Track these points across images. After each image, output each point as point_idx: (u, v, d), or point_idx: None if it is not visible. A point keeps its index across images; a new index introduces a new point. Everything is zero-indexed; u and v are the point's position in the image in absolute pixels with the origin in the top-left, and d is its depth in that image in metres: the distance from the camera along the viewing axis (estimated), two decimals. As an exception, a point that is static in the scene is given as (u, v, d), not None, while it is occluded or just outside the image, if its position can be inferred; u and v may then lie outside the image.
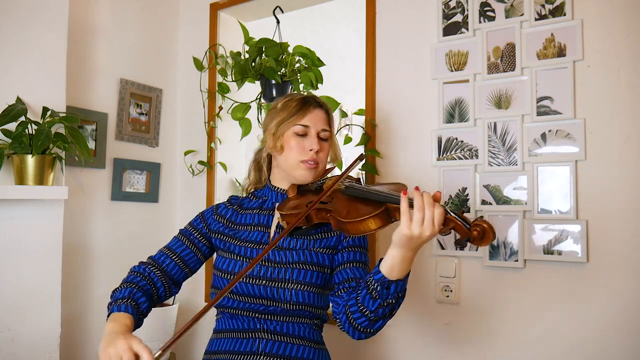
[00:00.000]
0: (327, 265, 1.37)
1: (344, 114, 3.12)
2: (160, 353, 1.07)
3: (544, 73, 1.66)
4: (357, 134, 2.08)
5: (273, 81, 2.15)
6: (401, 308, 1.87)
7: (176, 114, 2.56)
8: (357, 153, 2.09)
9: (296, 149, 1.38)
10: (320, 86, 2.20)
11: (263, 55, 2.21)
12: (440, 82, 1.84)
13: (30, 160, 1.73)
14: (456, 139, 1.80)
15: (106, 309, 1.32)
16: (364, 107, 2.02)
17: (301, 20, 2.93)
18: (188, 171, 2.46)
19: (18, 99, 1.76)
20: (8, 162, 1.76)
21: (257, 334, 1.33)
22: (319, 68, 2.19)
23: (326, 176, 1.46)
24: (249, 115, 2.27)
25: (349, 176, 1.41)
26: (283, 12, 2.35)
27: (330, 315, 1.45)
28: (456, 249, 1.11)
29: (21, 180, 1.74)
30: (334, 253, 1.38)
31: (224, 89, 2.34)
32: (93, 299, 2.19)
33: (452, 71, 1.82)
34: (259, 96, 2.27)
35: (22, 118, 1.71)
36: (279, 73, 2.16)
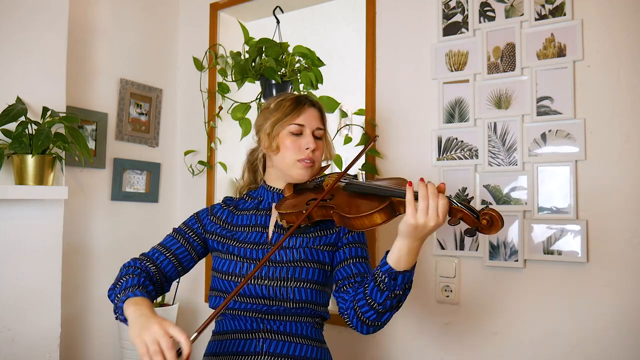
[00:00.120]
0: (328, 262, 1.37)
1: (344, 114, 3.12)
2: (195, 336, 1.09)
3: (544, 73, 1.66)
4: (357, 134, 2.08)
5: (273, 81, 2.16)
6: (401, 308, 1.88)
7: (176, 114, 2.57)
8: (357, 153, 2.12)
9: (292, 148, 1.39)
10: (320, 86, 2.20)
11: (263, 55, 2.21)
12: (440, 82, 1.84)
13: (30, 160, 1.74)
14: (456, 139, 1.80)
15: (112, 302, 1.31)
16: (364, 107, 2.02)
17: (301, 20, 2.93)
18: (188, 171, 2.46)
19: (18, 99, 1.77)
20: (8, 162, 1.76)
21: (259, 334, 1.33)
22: (319, 68, 2.19)
23: (323, 173, 1.46)
24: (249, 115, 2.27)
25: (347, 173, 1.41)
26: (283, 12, 2.35)
27: (331, 312, 1.45)
28: (467, 237, 1.13)
29: (21, 180, 1.74)
30: (334, 250, 1.39)
31: (224, 89, 2.34)
32: (93, 299, 2.19)
33: (452, 71, 1.82)
34: (259, 96, 2.27)
35: (22, 118, 1.72)
36: (279, 73, 2.15)
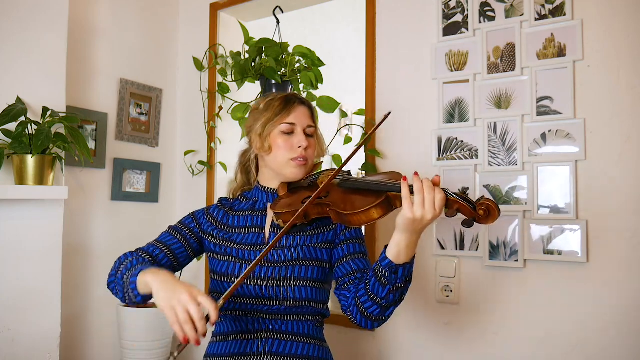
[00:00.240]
0: (326, 260, 1.37)
1: (344, 114, 3.12)
2: (222, 303, 1.11)
3: (544, 73, 1.66)
4: (357, 134, 2.08)
5: (273, 81, 2.15)
6: (401, 308, 1.88)
7: (176, 114, 2.56)
8: (357, 153, 2.12)
9: (284, 148, 1.38)
10: (320, 86, 2.20)
11: (263, 55, 2.21)
12: (440, 82, 1.84)
13: (30, 160, 1.74)
14: (456, 139, 1.80)
15: (115, 288, 1.29)
16: (364, 107, 2.02)
17: (301, 20, 2.93)
18: (188, 171, 2.46)
19: (18, 99, 1.77)
20: (8, 162, 1.76)
21: (260, 334, 1.33)
22: (319, 68, 2.19)
23: (318, 171, 1.46)
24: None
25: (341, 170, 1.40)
26: (283, 12, 2.35)
27: (332, 312, 1.45)
28: (465, 228, 1.12)
29: (21, 180, 1.74)
30: (332, 247, 1.39)
31: (224, 89, 2.34)
32: (93, 299, 2.19)
33: (452, 71, 1.82)
34: (259, 96, 2.27)
35: (22, 118, 1.72)
36: (279, 73, 2.15)
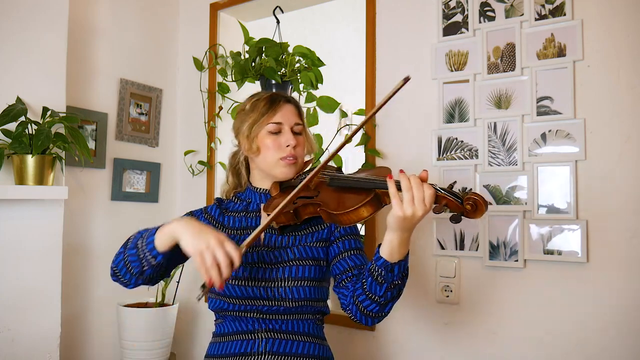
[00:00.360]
0: (322, 258, 1.37)
1: (344, 114, 3.11)
2: (245, 249, 1.15)
3: (544, 73, 1.66)
4: (357, 134, 2.08)
5: (273, 81, 2.15)
6: (401, 308, 1.88)
7: (176, 114, 2.56)
8: (357, 153, 2.12)
9: (273, 148, 1.37)
10: (320, 86, 2.20)
11: (263, 55, 2.21)
12: (440, 82, 1.84)
13: (30, 160, 1.74)
14: (456, 139, 1.80)
15: (125, 266, 1.25)
16: (364, 107, 2.02)
17: (301, 20, 2.93)
18: (188, 171, 2.46)
19: (18, 99, 1.77)
20: (8, 162, 1.76)
21: (260, 334, 1.33)
22: (319, 68, 2.19)
23: (309, 167, 1.45)
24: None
25: (329, 166, 1.40)
26: (283, 12, 2.35)
27: (331, 311, 1.45)
28: (453, 223, 1.11)
29: (21, 180, 1.74)
30: (328, 245, 1.38)
31: (224, 89, 2.34)
32: (93, 299, 2.19)
33: (452, 71, 1.82)
34: (261, 96, 2.27)
35: (22, 118, 1.72)
36: (279, 73, 2.15)
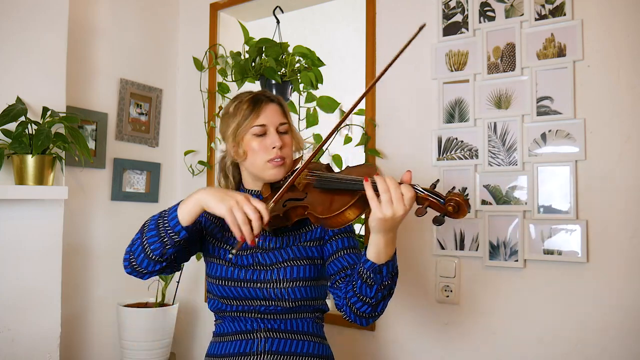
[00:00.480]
0: (317, 256, 1.36)
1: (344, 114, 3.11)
2: (272, 205, 1.19)
3: (544, 73, 1.66)
4: (357, 134, 2.08)
5: (273, 81, 2.16)
6: (401, 308, 1.88)
7: (176, 114, 2.56)
8: (357, 153, 2.12)
9: (259, 150, 1.35)
10: (320, 86, 2.20)
11: (263, 55, 2.21)
12: (440, 82, 1.84)
13: (30, 160, 1.74)
14: (456, 139, 1.80)
15: (142, 252, 1.24)
16: (364, 107, 2.02)
17: (301, 20, 2.93)
18: (188, 171, 2.46)
19: (18, 99, 1.77)
20: (8, 162, 1.76)
21: (260, 334, 1.33)
22: (319, 68, 2.19)
23: (298, 165, 1.43)
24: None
25: (318, 163, 1.38)
26: (283, 12, 2.35)
27: (330, 311, 1.45)
28: (436, 226, 1.09)
29: (21, 180, 1.74)
30: (322, 244, 1.38)
31: (224, 89, 2.34)
32: (93, 299, 2.19)
33: (452, 71, 1.82)
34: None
35: (22, 118, 1.72)
36: (279, 73, 2.16)
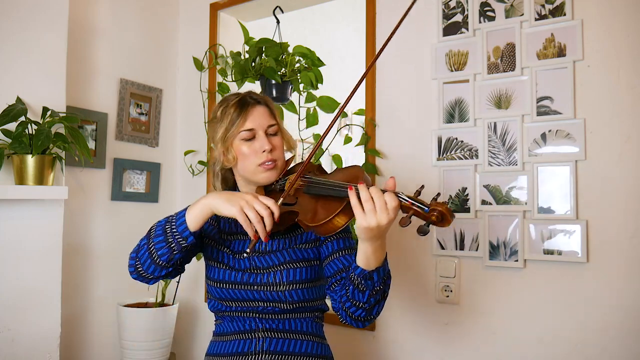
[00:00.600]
0: (313, 258, 1.35)
1: (344, 114, 3.11)
2: (282, 200, 1.21)
3: (544, 73, 1.66)
4: (357, 134, 2.08)
5: (273, 81, 2.16)
6: (401, 308, 1.88)
7: (176, 114, 2.56)
8: (357, 153, 2.12)
9: (250, 155, 1.33)
10: (320, 86, 2.20)
11: (263, 55, 2.21)
12: (440, 82, 1.84)
13: (30, 160, 1.73)
14: (456, 139, 1.80)
15: (147, 258, 1.25)
16: (364, 107, 2.02)
17: (301, 20, 2.93)
18: (188, 171, 2.46)
19: (18, 99, 1.77)
20: (8, 162, 1.76)
21: (258, 334, 1.32)
22: (319, 68, 2.19)
23: (290, 166, 1.42)
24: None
25: (310, 164, 1.37)
26: (283, 12, 2.35)
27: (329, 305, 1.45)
28: (420, 236, 1.07)
29: (21, 180, 1.74)
30: (318, 245, 1.37)
31: (224, 89, 2.34)
32: (93, 299, 2.19)
33: (452, 71, 1.82)
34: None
35: (22, 118, 1.72)
36: (279, 73, 2.16)
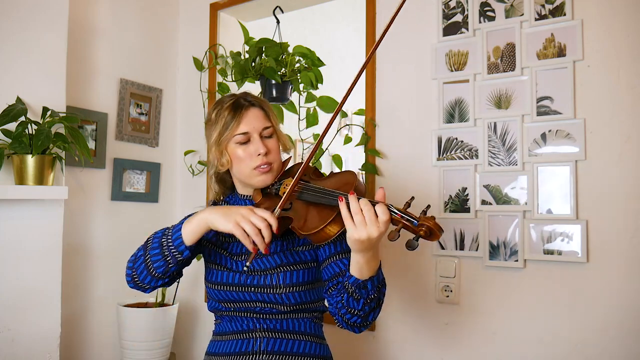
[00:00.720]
0: (310, 260, 1.35)
1: (344, 114, 3.11)
2: (279, 211, 1.20)
3: (544, 73, 1.66)
4: (357, 134, 2.08)
5: (273, 81, 2.16)
6: (401, 308, 1.88)
7: (176, 114, 2.56)
8: (357, 153, 2.12)
9: (245, 158, 1.33)
10: (320, 86, 2.20)
11: (263, 55, 2.21)
12: (440, 82, 1.84)
13: (30, 160, 1.73)
14: (456, 139, 1.80)
15: (143, 269, 1.27)
16: (364, 107, 2.02)
17: (301, 20, 2.93)
18: (188, 171, 2.46)
19: (18, 99, 1.77)
20: (8, 162, 1.76)
21: (256, 334, 1.33)
22: (319, 68, 2.19)
23: (287, 167, 1.41)
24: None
25: (306, 167, 1.37)
26: (283, 12, 2.35)
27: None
28: (408, 250, 1.06)
29: (21, 180, 1.74)
30: (316, 248, 1.36)
31: (224, 89, 2.34)
32: (93, 299, 2.19)
33: (452, 71, 1.82)
34: (259, 96, 2.27)
35: (22, 118, 1.72)
36: (279, 73, 2.16)
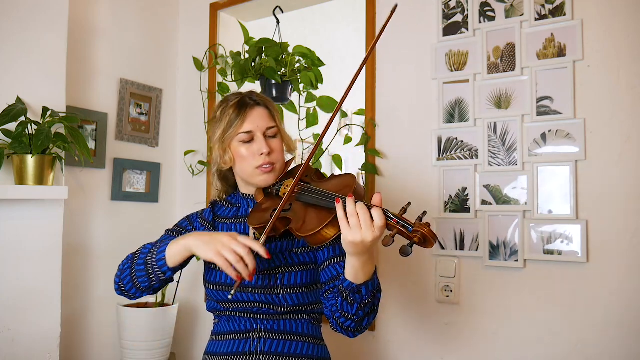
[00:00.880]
0: (308, 261, 1.35)
1: (344, 114, 3.11)
2: (264, 239, 1.19)
3: (544, 73, 1.66)
4: (357, 134, 2.08)
5: (273, 81, 2.16)
6: (401, 308, 1.88)
7: (176, 114, 2.56)
8: (357, 153, 2.12)
9: (248, 157, 1.33)
10: (320, 86, 2.20)
11: (263, 55, 2.21)
12: (440, 82, 1.84)
13: (30, 160, 1.74)
14: (456, 139, 1.80)
15: (130, 283, 1.32)
16: (364, 107, 2.02)
17: (301, 20, 2.94)
18: (188, 171, 2.46)
19: (18, 99, 1.77)
20: (8, 162, 1.76)
21: (255, 334, 1.32)
22: (319, 68, 2.19)
23: (289, 168, 1.41)
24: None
25: (308, 168, 1.36)
26: (283, 12, 2.36)
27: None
28: (402, 256, 1.05)
29: (21, 180, 1.74)
30: (315, 250, 1.36)
31: (224, 89, 2.34)
32: (93, 299, 2.19)
33: (452, 71, 1.82)
34: (261, 96, 2.27)
35: (22, 118, 1.72)
36: (279, 73, 2.16)
